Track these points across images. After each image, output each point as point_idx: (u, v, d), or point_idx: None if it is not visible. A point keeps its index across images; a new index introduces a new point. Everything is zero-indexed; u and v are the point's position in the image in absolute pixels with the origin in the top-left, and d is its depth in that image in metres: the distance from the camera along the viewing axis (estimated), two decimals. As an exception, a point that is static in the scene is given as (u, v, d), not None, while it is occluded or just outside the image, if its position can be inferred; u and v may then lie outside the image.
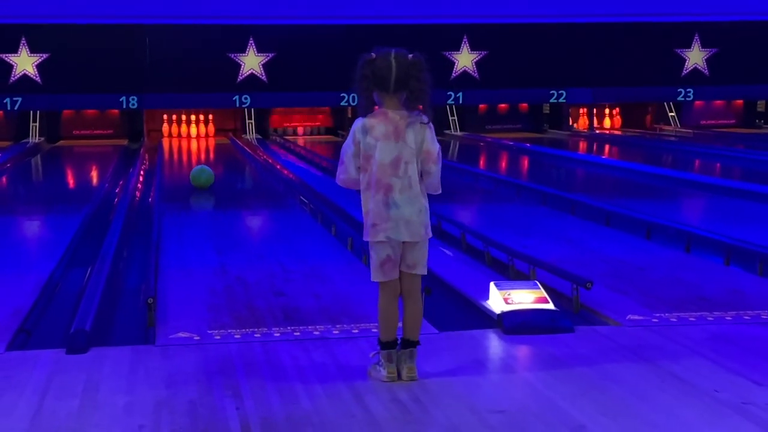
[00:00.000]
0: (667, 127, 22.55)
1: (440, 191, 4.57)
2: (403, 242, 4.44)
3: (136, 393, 4.20)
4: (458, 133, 22.02)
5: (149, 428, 3.76)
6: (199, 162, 18.07)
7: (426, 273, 4.58)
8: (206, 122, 22.16)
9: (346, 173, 4.47)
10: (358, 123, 4.40)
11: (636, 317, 5.55)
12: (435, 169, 4.46)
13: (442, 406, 4.02)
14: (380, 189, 4.36)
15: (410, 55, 4.38)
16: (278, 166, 15.53)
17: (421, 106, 4.42)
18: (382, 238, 4.39)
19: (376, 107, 4.41)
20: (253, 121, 21.72)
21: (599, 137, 21.33)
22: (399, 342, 4.44)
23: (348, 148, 4.43)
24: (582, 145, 19.49)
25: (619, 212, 9.30)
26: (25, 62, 20.01)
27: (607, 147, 19.44)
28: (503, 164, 17.13)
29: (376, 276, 4.46)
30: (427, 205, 4.51)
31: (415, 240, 4.45)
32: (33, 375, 4.48)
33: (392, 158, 4.34)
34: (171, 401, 4.08)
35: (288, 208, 11.00)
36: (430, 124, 4.44)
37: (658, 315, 5.59)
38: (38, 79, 20.09)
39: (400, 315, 4.47)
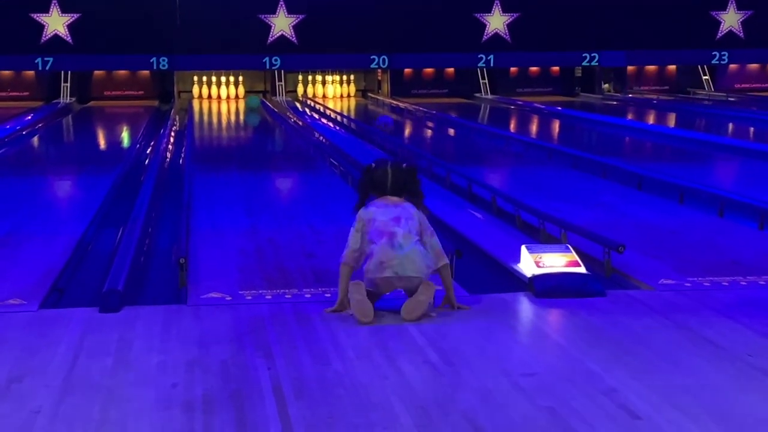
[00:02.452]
0: (700, 91, 22.31)
1: (446, 260, 4.97)
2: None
3: (168, 352, 4.23)
4: (489, 96, 21.89)
5: (182, 387, 3.78)
6: (229, 124, 18.11)
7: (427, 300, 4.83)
8: (236, 84, 22.14)
9: (348, 247, 4.93)
10: (360, 214, 4.97)
11: (668, 281, 5.51)
12: (433, 240, 4.95)
13: (473, 368, 4.01)
14: (383, 236, 4.84)
15: (404, 165, 5.10)
16: (308, 128, 15.52)
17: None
18: (390, 274, 4.79)
19: None
20: (283, 83, 21.69)
21: (631, 101, 21.13)
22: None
23: (353, 226, 4.97)
24: (614, 109, 19.32)
25: (652, 176, 9.23)
26: (56, 22, 20.06)
27: (639, 110, 19.26)
28: (534, 128, 17.03)
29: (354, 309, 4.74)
30: (429, 256, 4.91)
31: (419, 275, 4.82)
32: (66, 333, 4.51)
33: (392, 216, 4.89)
34: (203, 361, 4.10)
35: (318, 170, 11.01)
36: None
37: (690, 279, 5.55)
38: (69, 39, 20.13)
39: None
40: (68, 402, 3.62)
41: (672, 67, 23.04)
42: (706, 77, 22.65)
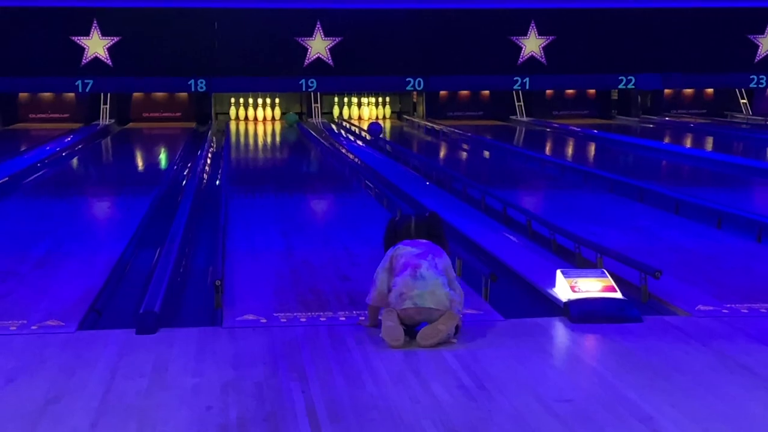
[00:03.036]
0: (738, 114, 22.15)
1: (460, 315, 4.90)
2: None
3: (203, 374, 4.25)
4: (524, 118, 21.87)
5: (217, 409, 3.79)
6: (265, 145, 18.21)
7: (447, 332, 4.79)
8: (273, 106, 22.28)
9: (375, 288, 4.98)
10: (389, 252, 5.06)
11: (705, 307, 5.46)
12: (457, 286, 4.98)
13: (507, 393, 4.00)
14: (407, 268, 4.90)
15: (427, 214, 5.33)
16: (343, 150, 15.58)
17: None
18: (409, 305, 4.80)
19: None
20: (319, 105, 21.80)
21: (668, 124, 21.01)
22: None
23: (381, 265, 5.04)
24: (650, 132, 19.22)
25: (689, 200, 9.17)
26: (96, 45, 20.25)
27: (676, 134, 19.15)
28: (570, 150, 16.97)
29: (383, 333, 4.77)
30: (453, 296, 4.91)
31: (439, 308, 4.79)
32: (103, 354, 4.55)
33: (419, 252, 4.97)
34: (238, 383, 4.12)
35: (353, 191, 11.04)
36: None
37: (728, 305, 5.50)
38: (109, 61, 20.32)
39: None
40: (104, 423, 3.65)
41: (709, 90, 22.91)
42: (744, 101, 22.48)
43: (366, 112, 22.47)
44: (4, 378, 4.21)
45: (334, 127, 20.35)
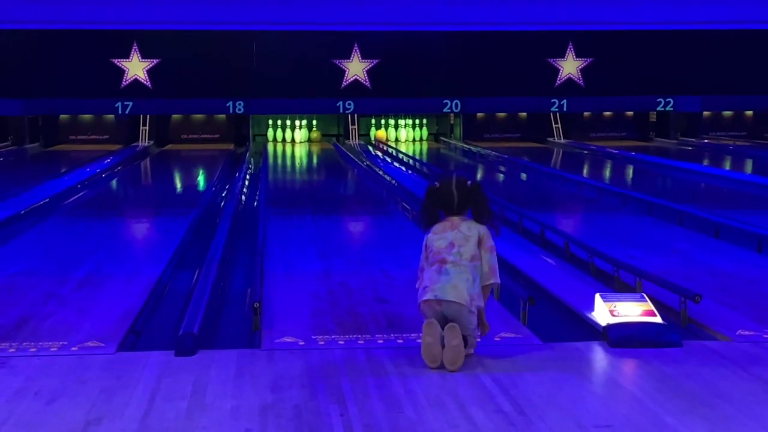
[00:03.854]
0: (778, 137, 21.97)
1: (498, 281, 5.04)
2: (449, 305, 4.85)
3: (242, 396, 4.26)
4: (562, 140, 21.81)
5: (255, 432, 3.81)
6: (302, 167, 18.29)
7: (466, 334, 4.83)
8: (310, 127, 22.40)
9: (420, 280, 5.02)
10: (428, 234, 5.04)
11: (746, 332, 5.41)
12: (488, 256, 4.98)
13: (546, 418, 3.98)
14: (435, 263, 4.93)
15: (469, 182, 5.09)
16: (380, 172, 15.61)
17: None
18: (430, 297, 4.85)
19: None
20: (356, 127, 21.88)
21: (707, 146, 20.87)
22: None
23: (421, 259, 5.05)
24: (689, 155, 19.10)
25: (729, 224, 9.08)
26: (136, 67, 20.49)
27: (715, 156, 19.01)
28: (608, 173, 16.90)
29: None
30: (478, 282, 4.94)
31: (460, 301, 4.82)
32: (143, 376, 4.58)
33: (447, 243, 4.94)
34: (276, 406, 4.13)
35: (390, 213, 11.05)
36: (490, 228, 5.06)
37: (769, 331, 5.44)
38: (148, 83, 20.55)
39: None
40: (144, 445, 3.67)
41: (749, 112, 22.74)
42: (785, 122, 22.29)
43: (403, 134, 22.52)
44: (45, 399, 4.25)
45: (371, 148, 20.41)
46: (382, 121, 22.42)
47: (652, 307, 5.41)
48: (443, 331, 4.75)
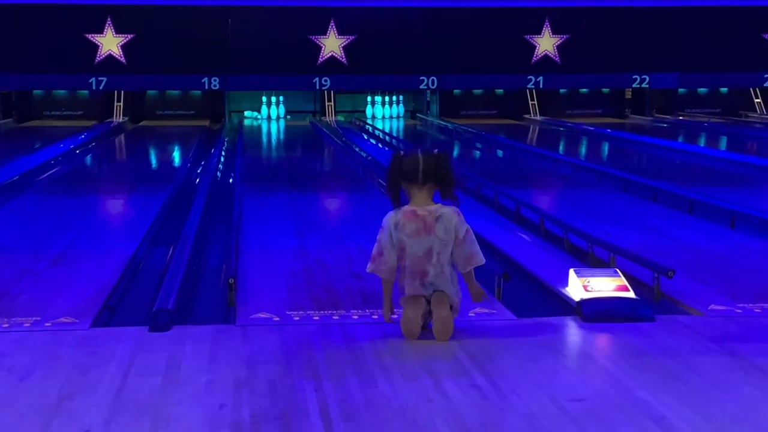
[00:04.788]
0: (753, 114, 22.09)
1: (483, 261, 4.92)
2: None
3: (217, 372, 4.26)
4: (538, 117, 21.85)
5: (230, 408, 3.81)
6: (278, 144, 18.22)
7: (452, 303, 4.87)
8: (286, 104, 22.32)
9: (386, 264, 4.84)
10: (390, 218, 4.85)
11: (719, 307, 5.45)
12: (465, 246, 4.84)
13: (520, 393, 4.00)
14: (416, 276, 4.81)
15: (435, 150, 4.90)
16: (357, 149, 15.60)
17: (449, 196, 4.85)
18: (415, 292, 4.84)
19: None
20: (332, 104, 21.83)
21: (682, 123, 20.97)
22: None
23: (385, 240, 4.85)
24: (664, 131, 19.19)
25: (703, 200, 9.14)
26: (110, 42, 20.31)
27: (690, 133, 19.11)
28: (583, 150, 16.95)
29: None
30: (456, 275, 4.90)
31: (443, 290, 4.83)
32: (117, 351, 4.57)
33: (425, 250, 4.78)
34: (251, 381, 4.13)
35: (367, 190, 11.05)
36: (458, 210, 4.86)
37: (741, 305, 5.48)
38: (123, 59, 20.39)
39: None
40: (117, 421, 3.67)
41: (724, 90, 22.85)
42: (759, 100, 22.42)
43: (379, 110, 22.48)
44: (18, 374, 4.23)
45: (347, 125, 20.37)
46: (359, 98, 22.37)
47: (626, 283, 5.44)
48: (429, 303, 4.79)
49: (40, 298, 5.68)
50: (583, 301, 5.23)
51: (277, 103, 22.29)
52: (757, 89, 22.36)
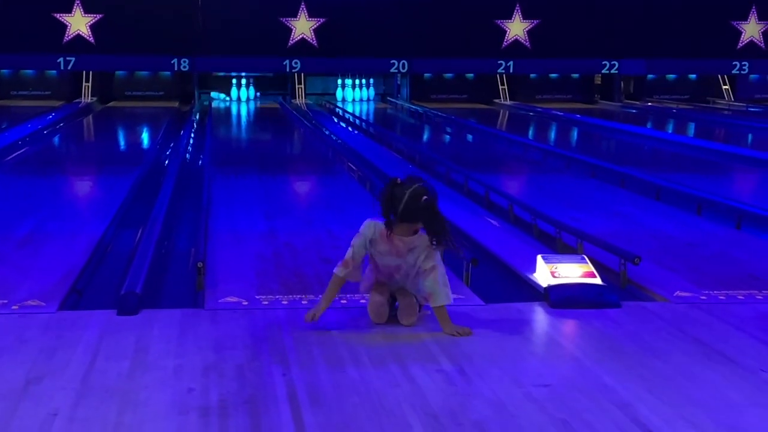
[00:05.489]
0: (720, 101, 22.26)
1: (445, 302, 4.73)
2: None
3: (185, 356, 4.26)
4: (508, 102, 21.90)
5: (198, 392, 3.81)
6: (248, 126, 18.14)
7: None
8: (256, 86, 22.24)
9: (356, 269, 4.80)
10: (369, 228, 4.76)
11: (684, 294, 5.52)
12: (427, 282, 4.73)
13: (486, 377, 4.03)
14: (385, 275, 4.86)
15: (425, 198, 4.64)
16: (327, 132, 15.57)
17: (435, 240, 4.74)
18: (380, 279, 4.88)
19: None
20: (303, 86, 21.76)
21: (651, 109, 21.09)
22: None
23: (358, 247, 4.78)
24: (633, 117, 19.29)
25: (670, 187, 9.23)
26: (78, 22, 20.17)
27: (658, 120, 19.23)
28: (553, 135, 17.02)
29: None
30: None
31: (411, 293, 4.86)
32: (84, 335, 4.56)
33: (395, 265, 4.80)
34: (219, 365, 4.14)
35: (336, 174, 11.04)
36: (436, 246, 4.75)
37: (706, 292, 5.55)
38: (91, 39, 20.24)
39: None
40: (85, 405, 3.66)
41: (692, 76, 23.01)
42: (726, 87, 22.59)
43: (350, 93, 22.45)
44: (-15, 358, 4.21)
45: (317, 108, 20.32)
46: (329, 81, 22.32)
47: (593, 269, 5.49)
48: (394, 293, 4.84)
49: (7, 280, 5.64)
50: (551, 287, 5.27)
51: (247, 85, 22.19)
52: (725, 76, 22.54)
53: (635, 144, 15.04)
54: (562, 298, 5.18)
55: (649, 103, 22.11)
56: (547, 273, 5.45)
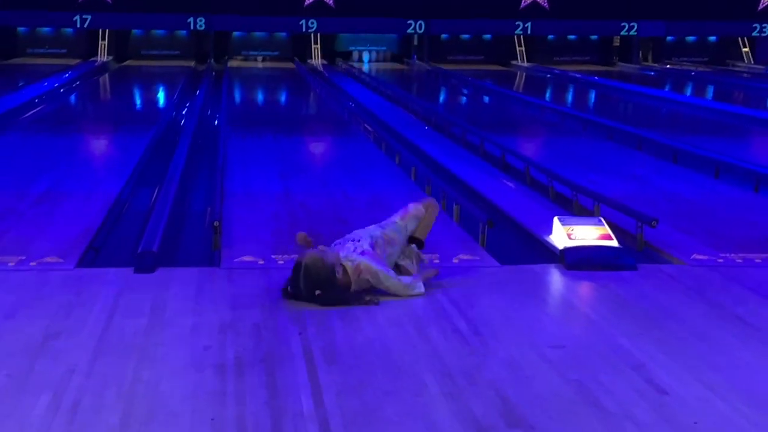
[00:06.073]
0: (740, 63, 22.06)
1: (415, 289, 4.66)
2: None
3: (202, 314, 4.28)
4: (525, 63, 21.76)
5: (214, 349, 3.83)
6: (264, 86, 18.11)
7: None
8: (272, 46, 22.16)
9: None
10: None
11: (701, 257, 5.50)
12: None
13: (501, 338, 4.04)
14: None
15: (317, 291, 4.42)
16: (343, 93, 15.52)
17: None
18: None
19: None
20: (318, 46, 21.67)
21: (669, 72, 20.93)
22: None
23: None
24: (651, 80, 19.15)
25: (688, 150, 9.17)
26: (95, -19, 20.10)
27: (677, 82, 19.08)
28: (570, 97, 16.92)
29: None
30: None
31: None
32: (102, 292, 4.58)
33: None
34: (236, 324, 4.16)
35: (352, 135, 11.02)
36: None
37: (723, 255, 5.53)
38: (108, -3, 20.19)
39: None
40: (102, 361, 3.69)
41: (712, 38, 22.80)
42: (746, 49, 22.38)
43: (366, 55, 22.35)
44: (4, 314, 4.24)
45: (334, 69, 20.24)
46: (345, 41, 22.20)
47: (609, 231, 5.47)
48: None
49: (25, 237, 5.67)
50: (567, 249, 5.27)
51: (266, 46, 22.11)
52: (745, 38, 22.31)
53: (653, 106, 14.93)
54: (577, 260, 5.17)
55: (668, 66, 21.93)
56: (563, 235, 5.44)
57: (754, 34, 21.62)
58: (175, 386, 3.46)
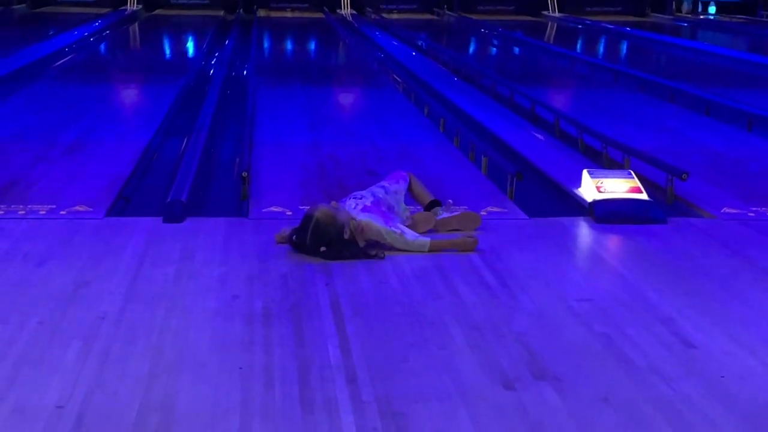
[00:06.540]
0: (775, 15, 21.73)
1: (421, 246, 4.59)
2: None
3: (229, 264, 4.31)
4: (556, 14, 21.52)
5: (242, 299, 3.86)
6: (293, 36, 18.03)
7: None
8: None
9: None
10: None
11: (731, 210, 5.45)
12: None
13: (529, 291, 4.04)
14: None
15: (322, 248, 4.39)
16: (372, 43, 15.43)
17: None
18: None
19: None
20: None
21: (703, 23, 20.63)
22: None
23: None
24: (684, 31, 18.89)
25: (720, 102, 9.06)
26: (124, -71, 20.00)
27: (710, 33, 18.81)
28: (602, 48, 16.74)
29: None
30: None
31: None
32: (131, 241, 4.61)
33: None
34: (263, 274, 4.17)
35: (381, 86, 10.97)
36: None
37: (754, 209, 5.48)
38: (137, -54, 20.10)
39: None
40: (131, 309, 3.72)
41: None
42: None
43: (396, 4, 22.16)
44: (34, 261, 4.28)
45: (363, 19, 20.11)
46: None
47: (639, 184, 5.44)
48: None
49: (55, 186, 5.70)
50: (596, 202, 5.24)
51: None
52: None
53: (686, 58, 14.75)
54: (607, 213, 5.14)
55: (701, 17, 21.62)
56: (592, 188, 5.41)
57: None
58: (203, 335, 3.49)
